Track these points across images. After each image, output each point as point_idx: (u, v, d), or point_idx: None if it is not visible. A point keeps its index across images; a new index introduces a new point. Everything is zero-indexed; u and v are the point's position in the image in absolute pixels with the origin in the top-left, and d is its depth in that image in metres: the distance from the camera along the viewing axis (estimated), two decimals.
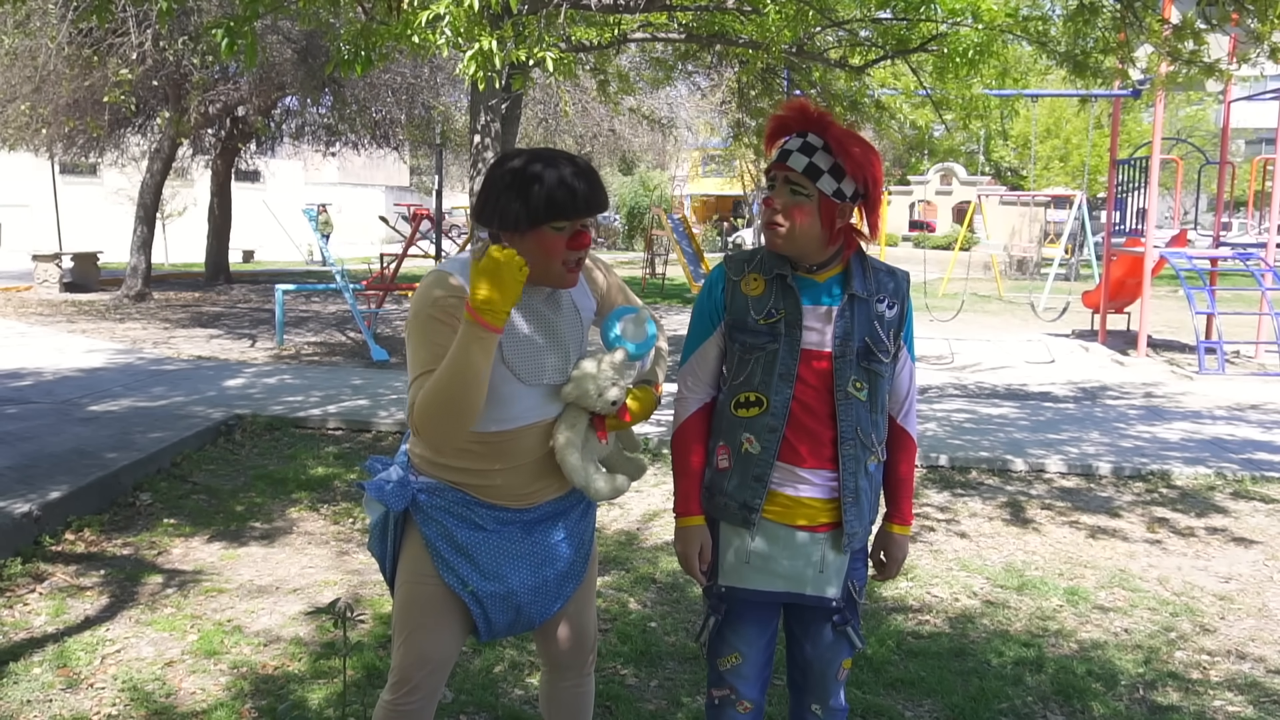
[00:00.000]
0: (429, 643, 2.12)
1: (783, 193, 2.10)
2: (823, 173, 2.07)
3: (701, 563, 2.23)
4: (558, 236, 1.97)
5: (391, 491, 2.10)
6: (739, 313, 2.18)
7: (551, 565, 2.17)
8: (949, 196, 40.61)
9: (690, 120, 22.39)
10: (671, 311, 16.11)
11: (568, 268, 2.02)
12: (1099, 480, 6.13)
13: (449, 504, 2.09)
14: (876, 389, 2.17)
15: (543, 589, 2.16)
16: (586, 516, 2.28)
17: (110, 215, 26.99)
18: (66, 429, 6.29)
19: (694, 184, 44.87)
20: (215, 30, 4.70)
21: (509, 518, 2.12)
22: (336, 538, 4.75)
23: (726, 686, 2.27)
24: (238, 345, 10.92)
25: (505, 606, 2.13)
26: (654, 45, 9.25)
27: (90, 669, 3.34)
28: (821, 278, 2.16)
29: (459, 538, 2.09)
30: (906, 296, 2.23)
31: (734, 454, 2.18)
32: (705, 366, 2.24)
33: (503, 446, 2.07)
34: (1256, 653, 3.74)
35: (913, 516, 2.36)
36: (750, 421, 2.16)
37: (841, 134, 2.08)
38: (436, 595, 2.10)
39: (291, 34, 13.66)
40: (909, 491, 2.32)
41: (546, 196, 1.93)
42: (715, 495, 2.22)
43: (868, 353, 2.14)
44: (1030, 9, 8.50)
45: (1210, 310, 11.13)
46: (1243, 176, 20.90)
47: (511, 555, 2.12)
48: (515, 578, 2.12)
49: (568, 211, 1.94)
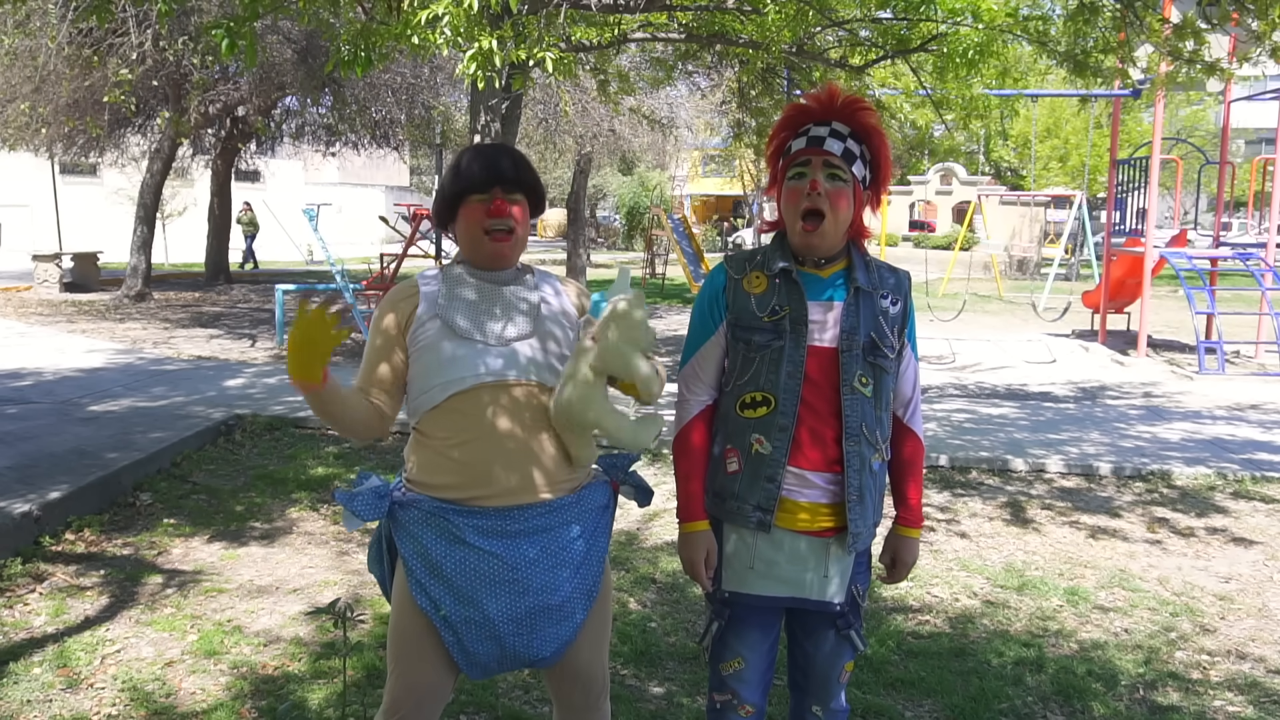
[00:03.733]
0: (414, 674, 2.06)
1: (820, 177, 2.06)
2: (856, 158, 2.08)
3: (708, 568, 2.19)
4: (478, 205, 2.08)
5: (361, 500, 2.06)
6: (742, 311, 2.14)
7: (535, 596, 2.02)
8: (949, 196, 40.60)
9: (690, 120, 22.37)
10: (671, 311, 16.10)
11: (493, 238, 2.09)
12: (1099, 480, 6.13)
13: (426, 515, 2.03)
14: (881, 385, 2.14)
15: (526, 622, 2.03)
16: (591, 546, 2.12)
17: (110, 215, 26.99)
18: (66, 429, 6.29)
19: (694, 184, 44.85)
20: (215, 30, 4.70)
21: (489, 527, 2.01)
22: (336, 538, 4.75)
23: (729, 691, 2.26)
24: (238, 345, 10.92)
25: (482, 636, 2.02)
26: (654, 45, 9.25)
27: (90, 669, 3.34)
28: (826, 273, 2.14)
29: (434, 554, 2.01)
30: (908, 294, 2.21)
31: (744, 456, 2.13)
32: (707, 368, 2.20)
33: (465, 411, 2.02)
34: (1256, 653, 3.74)
35: (923, 518, 2.31)
36: (759, 422, 2.12)
37: (872, 121, 2.09)
38: (419, 625, 2.05)
39: (291, 34, 13.66)
40: (918, 492, 2.27)
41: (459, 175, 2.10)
42: (726, 500, 2.16)
43: (873, 348, 2.12)
44: (1030, 9, 8.50)
45: (1210, 310, 11.12)
46: (1243, 176, 20.90)
47: (488, 579, 2.00)
48: (492, 604, 2.00)
49: (476, 184, 2.07)
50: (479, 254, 2.12)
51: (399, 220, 19.14)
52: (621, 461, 2.29)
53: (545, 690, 2.95)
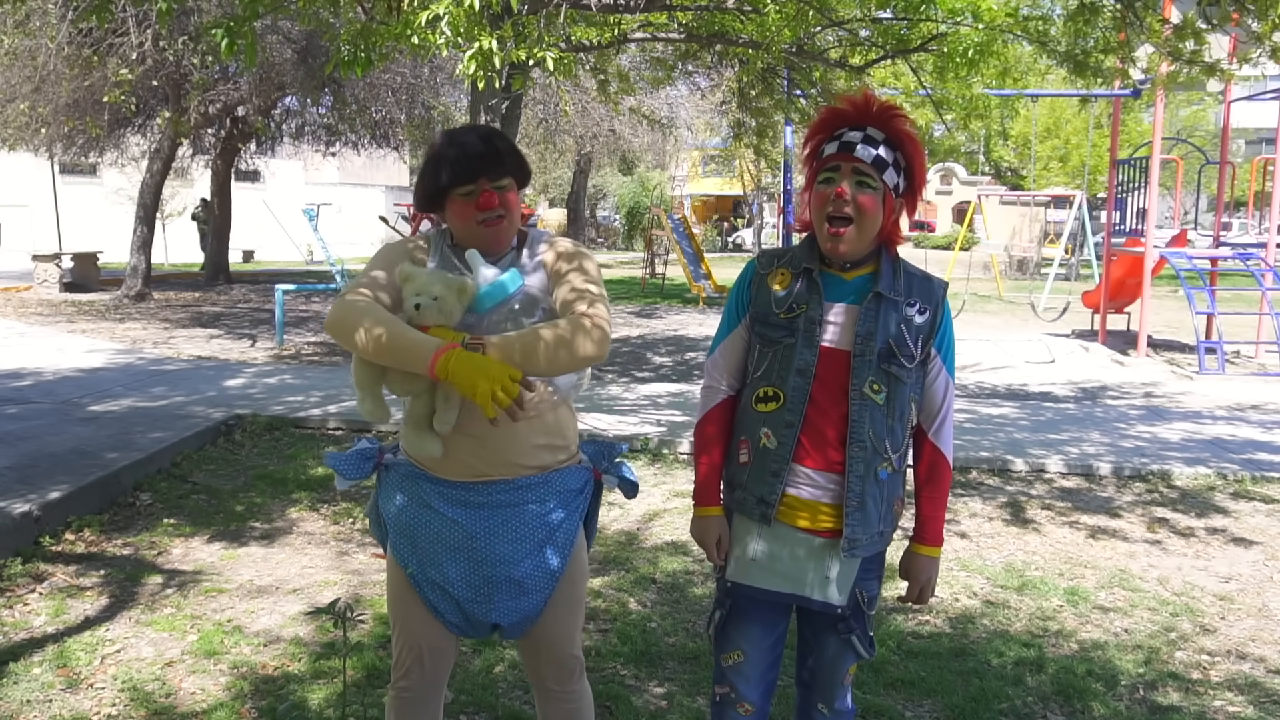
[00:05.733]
0: (410, 628, 2.18)
1: (849, 184, 2.06)
2: (888, 165, 2.07)
3: (720, 552, 2.24)
4: (465, 202, 2.07)
5: (345, 460, 2.18)
6: (762, 306, 2.18)
7: (492, 566, 2.08)
8: (949, 196, 40.63)
9: (690, 120, 22.40)
10: (671, 311, 16.10)
11: (486, 225, 2.09)
12: (1099, 480, 6.13)
13: (402, 478, 2.16)
14: (896, 394, 2.11)
15: (484, 590, 2.10)
16: (558, 527, 2.14)
17: (110, 215, 26.98)
18: (66, 429, 6.29)
19: (694, 184, 44.88)
20: (215, 30, 4.70)
21: (453, 496, 2.09)
22: (336, 538, 4.75)
23: (727, 684, 2.27)
24: (238, 345, 10.92)
25: (444, 597, 2.13)
26: (654, 45, 9.25)
27: (90, 669, 3.34)
28: (850, 275, 2.14)
29: (405, 516, 2.13)
30: (941, 304, 2.16)
31: (753, 448, 2.17)
32: (730, 359, 2.24)
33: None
34: (1257, 653, 3.74)
35: (942, 538, 2.26)
36: (768, 416, 2.15)
37: (908, 129, 2.09)
38: (404, 582, 2.17)
39: (291, 34, 13.66)
40: (936, 510, 2.22)
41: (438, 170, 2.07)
42: (735, 489, 2.22)
43: (890, 355, 2.09)
44: (1030, 9, 8.50)
45: (1210, 310, 11.12)
46: (1243, 176, 20.89)
47: (448, 544, 2.09)
48: (451, 568, 2.10)
49: (459, 178, 2.05)
50: (473, 242, 2.13)
51: (399, 220, 19.15)
52: (606, 450, 2.29)
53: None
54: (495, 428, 2.03)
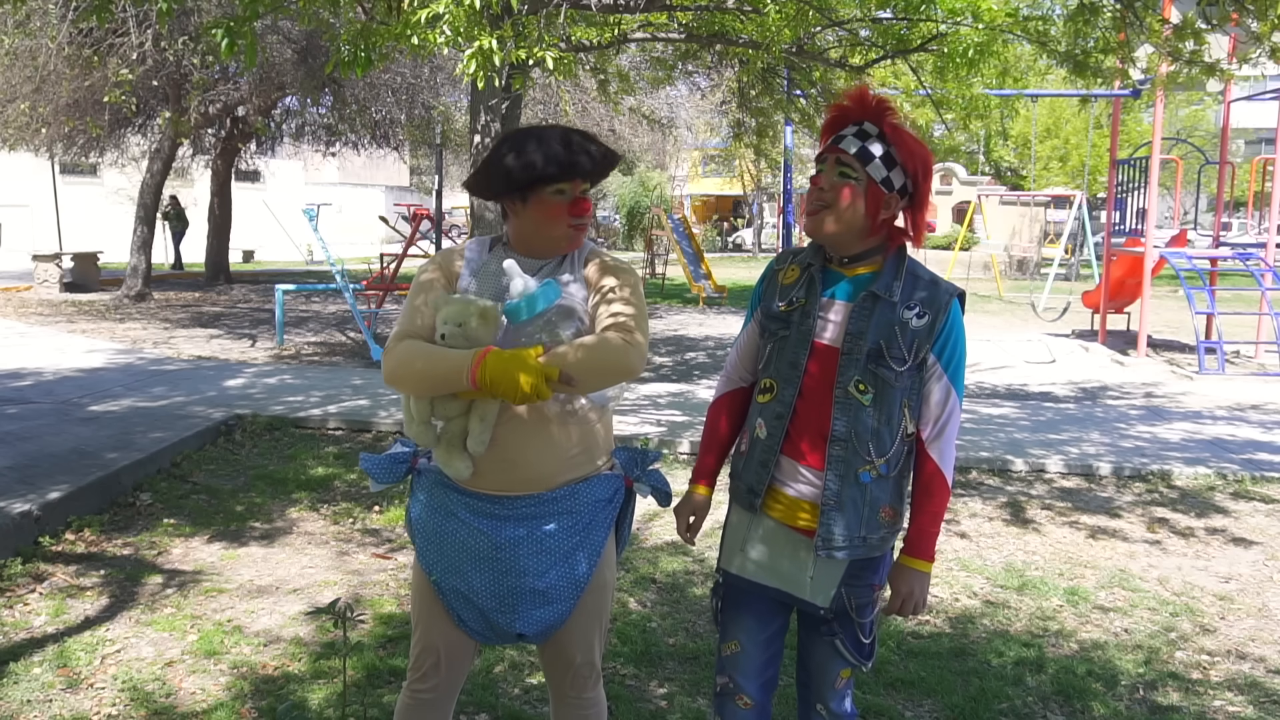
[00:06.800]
0: (431, 631, 2.18)
1: (831, 174, 2.08)
2: (874, 158, 2.05)
3: (691, 531, 2.33)
4: (557, 202, 2.04)
5: (379, 463, 2.18)
6: (769, 299, 2.23)
7: (517, 578, 2.07)
8: (949, 196, 40.58)
9: (690, 120, 22.39)
10: (671, 311, 16.10)
11: (575, 230, 2.09)
12: (1099, 480, 6.13)
13: (432, 485, 2.15)
14: (884, 396, 2.07)
15: (508, 600, 2.08)
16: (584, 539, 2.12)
17: (110, 215, 26.99)
18: (66, 429, 6.29)
19: (694, 184, 44.84)
20: (215, 30, 4.70)
21: (479, 507, 2.07)
22: (336, 538, 4.75)
23: (727, 674, 2.29)
24: (238, 345, 10.92)
25: (468, 606, 2.11)
26: (654, 45, 9.25)
27: (90, 669, 3.34)
28: (851, 272, 2.13)
29: (432, 523, 2.13)
30: (945, 310, 2.07)
31: (750, 438, 2.24)
32: (744, 351, 2.30)
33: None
34: (1257, 653, 3.74)
35: (933, 554, 2.16)
36: (764, 407, 2.20)
37: (898, 123, 2.09)
38: (427, 586, 2.18)
39: (291, 34, 13.66)
40: (925, 522, 2.13)
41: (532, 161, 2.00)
42: (733, 478, 2.28)
43: (878, 356, 2.06)
44: (1030, 9, 8.50)
45: (1210, 310, 11.12)
46: (1243, 176, 20.89)
47: (474, 554, 2.08)
48: (476, 578, 2.08)
49: (555, 174, 2.00)
50: (545, 241, 2.09)
51: (399, 220, 19.14)
52: (639, 458, 2.27)
53: (546, 691, 2.95)
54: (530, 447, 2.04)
